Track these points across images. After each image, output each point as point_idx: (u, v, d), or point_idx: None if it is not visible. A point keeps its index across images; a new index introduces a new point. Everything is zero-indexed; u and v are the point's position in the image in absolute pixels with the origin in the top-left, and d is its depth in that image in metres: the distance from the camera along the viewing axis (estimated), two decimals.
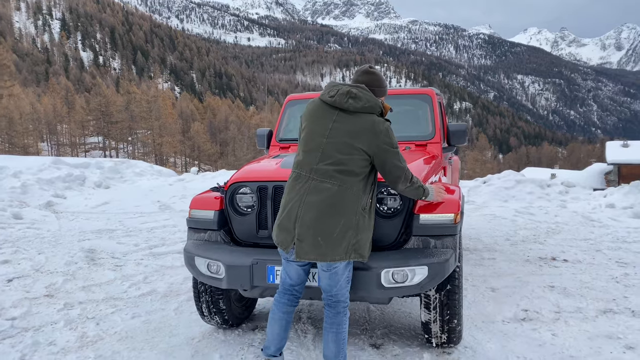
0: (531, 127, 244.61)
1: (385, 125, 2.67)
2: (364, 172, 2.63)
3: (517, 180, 10.16)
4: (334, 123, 2.66)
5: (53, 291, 4.49)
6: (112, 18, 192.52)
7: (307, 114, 2.78)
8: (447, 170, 4.82)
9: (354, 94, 2.66)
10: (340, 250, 2.56)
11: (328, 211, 2.55)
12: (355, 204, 2.59)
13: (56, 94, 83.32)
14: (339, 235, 2.55)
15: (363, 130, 2.61)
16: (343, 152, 2.60)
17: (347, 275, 2.70)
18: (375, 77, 2.87)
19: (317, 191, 2.58)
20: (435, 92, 4.76)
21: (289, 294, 2.83)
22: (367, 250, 2.69)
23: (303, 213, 2.58)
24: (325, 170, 2.60)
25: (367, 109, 2.66)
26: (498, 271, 5.15)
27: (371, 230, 2.72)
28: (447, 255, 2.89)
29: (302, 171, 2.66)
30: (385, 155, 2.64)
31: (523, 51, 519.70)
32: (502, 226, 7.50)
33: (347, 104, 2.64)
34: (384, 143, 2.63)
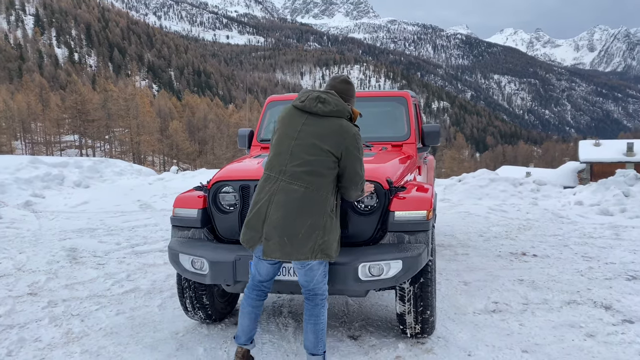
0: (507, 126, 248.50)
1: (354, 129, 2.81)
2: (331, 174, 2.74)
3: (491, 178, 10.46)
4: (302, 126, 2.79)
5: (36, 289, 4.54)
6: (88, 14, 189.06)
7: (279, 118, 2.92)
8: (422, 169, 5.02)
9: (323, 98, 2.81)
10: (305, 250, 2.67)
11: (295, 212, 2.66)
12: (323, 206, 2.71)
13: (30, 91, 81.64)
14: (304, 235, 2.66)
15: (331, 132, 2.74)
16: (310, 153, 2.72)
17: (323, 270, 2.83)
18: (351, 87, 3.04)
19: (285, 192, 2.70)
20: (410, 94, 4.95)
21: (258, 290, 2.96)
22: (335, 250, 2.79)
23: (271, 213, 2.69)
24: (293, 171, 2.71)
25: (336, 112, 2.80)
26: (471, 266, 5.37)
27: (338, 230, 2.83)
28: (420, 250, 3.07)
29: (272, 172, 2.78)
30: (349, 159, 2.76)
31: (499, 51, 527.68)
32: (475, 223, 7.75)
33: (316, 108, 2.78)
34: (351, 146, 2.75)
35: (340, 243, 2.92)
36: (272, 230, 2.68)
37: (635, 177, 9.19)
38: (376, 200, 3.19)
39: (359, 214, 3.17)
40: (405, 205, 3.19)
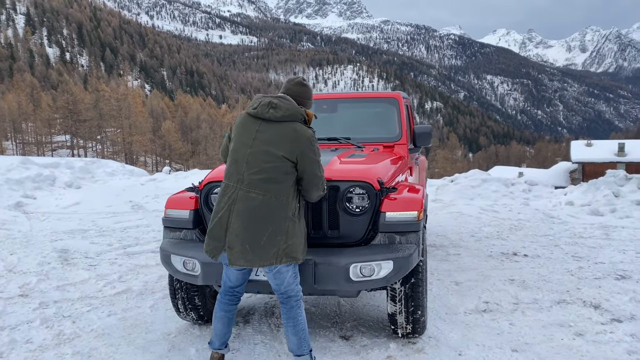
0: (500, 126, 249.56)
1: (309, 132, 2.81)
2: (289, 179, 2.76)
3: (483, 179, 10.52)
4: (257, 133, 2.80)
5: (27, 291, 4.52)
6: (80, 14, 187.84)
7: (235, 126, 2.93)
8: (414, 170, 5.05)
9: (274, 104, 2.82)
10: (268, 256, 2.69)
11: (255, 220, 2.69)
12: (283, 211, 2.72)
13: (21, 91, 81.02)
14: (267, 242, 2.69)
15: (284, 137, 2.75)
16: (266, 160, 2.73)
17: (293, 272, 2.85)
18: (306, 89, 3.04)
19: (244, 201, 2.72)
20: (402, 95, 4.98)
21: (230, 295, 2.99)
22: (301, 251, 2.81)
23: (232, 222, 2.72)
24: (250, 180, 2.73)
25: (288, 117, 2.81)
26: (462, 266, 5.40)
27: (303, 232, 2.85)
28: (411, 250, 3.09)
29: (230, 181, 2.80)
30: (306, 162, 2.77)
31: (492, 52, 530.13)
32: (467, 223, 7.80)
33: (268, 114, 2.80)
34: (306, 149, 2.77)
35: (307, 243, 2.95)
36: (234, 239, 2.71)
37: (625, 178, 9.28)
38: (367, 202, 3.21)
39: (350, 215, 3.19)
40: (396, 206, 3.21)
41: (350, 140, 4.44)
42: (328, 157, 3.66)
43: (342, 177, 3.24)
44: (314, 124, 4.15)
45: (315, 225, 3.22)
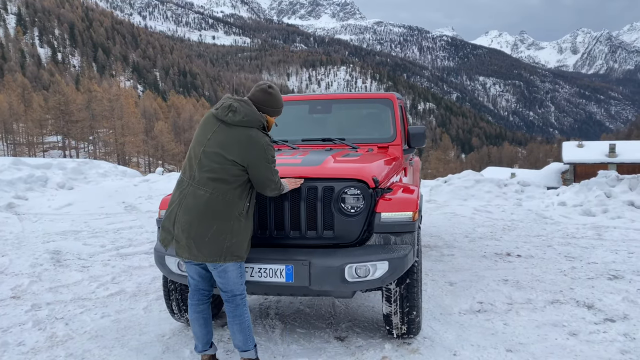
0: (492, 127, 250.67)
1: (264, 140, 2.83)
2: (238, 180, 2.80)
3: (476, 179, 10.57)
4: (213, 134, 2.84)
5: (19, 293, 4.48)
6: (72, 14, 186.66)
7: (199, 124, 2.97)
8: (408, 170, 5.06)
9: (234, 107, 2.84)
10: (212, 253, 2.76)
11: (201, 216, 2.75)
12: (229, 210, 2.78)
13: (12, 92, 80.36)
14: (211, 239, 2.75)
15: (236, 142, 2.78)
16: (215, 161, 2.78)
17: (238, 271, 2.89)
18: (271, 98, 3.01)
19: (193, 197, 2.78)
20: (396, 96, 4.99)
21: (198, 294, 3.03)
22: (245, 250, 2.87)
23: (180, 216, 2.80)
24: (201, 177, 2.79)
25: (245, 122, 2.83)
26: (456, 266, 5.42)
27: (249, 231, 2.90)
28: (406, 251, 3.10)
29: (185, 176, 2.88)
30: (258, 169, 2.81)
31: (485, 53, 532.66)
32: (461, 224, 7.82)
33: (226, 117, 2.83)
34: (258, 157, 2.80)
35: (251, 242, 3.00)
36: (180, 233, 2.79)
37: (616, 178, 9.35)
38: (363, 202, 3.21)
39: (345, 216, 3.19)
40: (391, 206, 3.22)
41: (345, 140, 4.44)
42: (322, 156, 3.67)
43: (336, 175, 3.24)
44: (309, 124, 4.15)
45: (310, 225, 3.22)
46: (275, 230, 3.27)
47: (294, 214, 3.23)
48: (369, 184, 3.21)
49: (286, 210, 3.23)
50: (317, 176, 3.22)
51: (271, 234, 3.27)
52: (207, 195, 2.75)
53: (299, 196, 3.22)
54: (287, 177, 3.14)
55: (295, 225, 3.24)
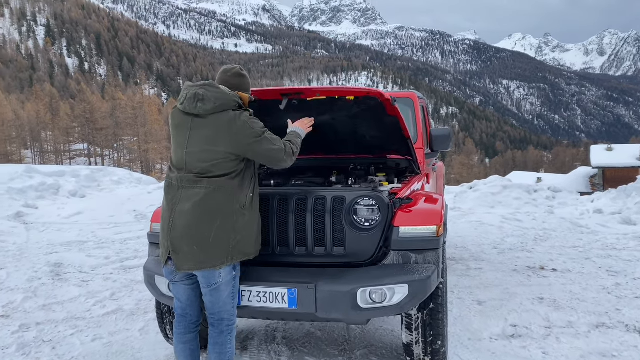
0: (517, 131, 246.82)
1: (242, 118, 2.48)
2: (236, 170, 2.47)
3: (503, 185, 10.01)
4: (190, 131, 2.48)
5: (10, 311, 4.17)
6: (98, 24, 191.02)
7: (170, 123, 2.61)
8: (431, 177, 4.61)
9: (200, 95, 2.47)
10: (220, 254, 2.41)
11: (200, 216, 2.40)
12: (230, 204, 2.44)
13: (40, 101, 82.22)
14: (215, 239, 2.40)
15: (220, 132, 2.44)
16: (205, 160, 2.44)
17: (232, 291, 2.52)
18: (245, 80, 2.73)
19: (187, 198, 2.43)
20: (417, 95, 4.55)
21: (185, 321, 2.64)
22: (254, 246, 2.56)
23: (176, 222, 2.43)
24: (190, 177, 2.45)
25: (219, 108, 2.46)
26: (485, 282, 4.93)
27: (255, 225, 2.57)
28: (429, 272, 2.66)
29: (172, 180, 2.52)
30: (253, 149, 2.47)
31: (508, 56, 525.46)
32: (489, 233, 7.30)
33: (197, 109, 2.45)
34: (246, 137, 2.45)
35: (262, 238, 2.66)
36: (179, 241, 2.41)
37: None
38: (378, 214, 2.78)
39: (357, 230, 2.77)
40: (412, 219, 2.79)
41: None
42: None
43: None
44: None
45: (317, 241, 2.81)
46: (278, 246, 2.87)
47: (299, 227, 2.83)
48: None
49: (290, 224, 2.83)
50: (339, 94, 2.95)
51: (273, 251, 2.87)
52: (202, 191, 2.41)
53: (305, 207, 2.82)
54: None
55: (300, 241, 2.84)
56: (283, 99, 3.06)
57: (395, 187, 3.23)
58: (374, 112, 3.17)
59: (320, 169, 3.79)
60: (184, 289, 2.59)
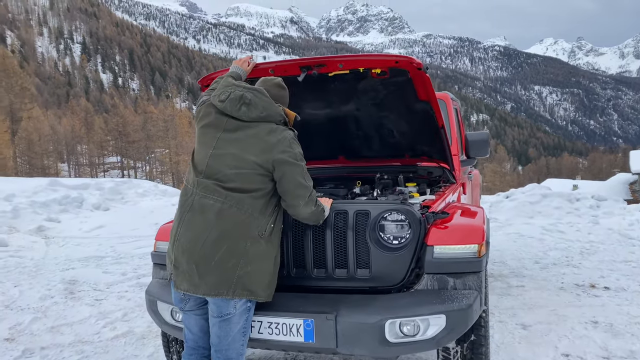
0: (550, 137, 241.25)
1: (287, 133, 2.19)
2: (261, 189, 2.14)
3: (542, 194, 9.41)
4: (222, 132, 2.18)
5: (16, 333, 3.93)
6: (131, 40, 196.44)
7: (198, 118, 2.30)
8: (467, 187, 4.18)
9: (247, 100, 2.16)
10: (219, 282, 2.06)
11: (208, 232, 2.06)
12: (246, 226, 2.09)
13: (75, 115, 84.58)
14: (219, 263, 2.05)
15: (257, 139, 2.13)
16: (231, 165, 2.13)
17: (243, 326, 2.16)
18: (286, 93, 2.47)
19: (200, 207, 2.11)
20: (450, 96, 4.15)
21: (197, 355, 2.29)
22: (264, 287, 2.16)
23: (181, 233, 2.12)
24: (208, 184, 2.12)
25: (264, 118, 2.18)
26: (529, 302, 4.45)
27: (271, 260, 2.19)
28: (470, 299, 2.26)
29: (189, 184, 2.21)
30: (284, 168, 2.13)
31: (539, 62, 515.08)
32: (529, 246, 6.77)
33: (239, 113, 2.15)
34: (282, 153, 2.12)
35: (275, 281, 2.25)
36: (180, 256, 2.10)
37: None
38: (409, 231, 2.40)
39: (384, 249, 2.39)
40: (448, 237, 2.39)
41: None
42: None
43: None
44: None
45: (338, 262, 2.45)
46: (294, 267, 2.52)
47: (318, 246, 2.48)
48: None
49: (307, 242, 2.48)
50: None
51: (289, 273, 2.52)
52: (217, 205, 2.09)
53: (324, 223, 2.46)
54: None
55: (319, 262, 2.48)
56: (302, 71, 2.72)
57: (428, 199, 2.84)
58: (403, 95, 2.80)
59: (343, 179, 3.43)
60: (196, 320, 2.26)
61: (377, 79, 2.73)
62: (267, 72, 2.81)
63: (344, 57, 2.65)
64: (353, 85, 2.84)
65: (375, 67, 2.64)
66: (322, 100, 3.02)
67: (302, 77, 2.72)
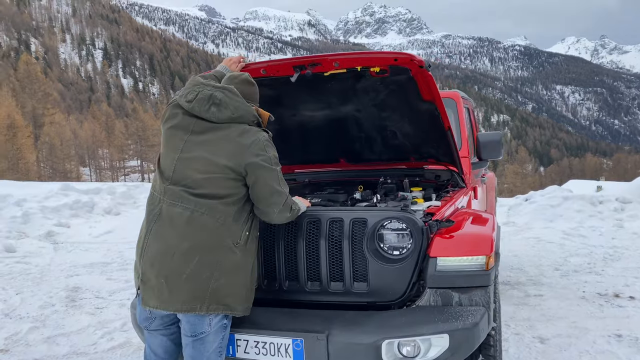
0: (573, 138, 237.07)
1: (260, 134, 2.02)
2: (232, 195, 1.97)
3: (564, 196, 9.05)
4: (190, 135, 2.01)
5: (11, 344, 3.83)
6: (151, 45, 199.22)
7: (164, 120, 2.13)
8: (479, 190, 3.94)
9: (217, 99, 1.99)
10: (190, 297, 1.88)
11: (178, 243, 1.89)
12: (219, 235, 1.92)
13: (96, 120, 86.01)
14: (190, 276, 1.88)
15: (227, 141, 1.96)
16: (200, 170, 1.96)
17: (219, 345, 1.99)
18: (255, 89, 2.27)
19: (168, 217, 1.93)
20: (460, 95, 3.93)
21: None
22: (241, 300, 1.99)
23: (149, 244, 1.95)
24: (175, 190, 1.94)
25: (236, 119, 2.00)
26: (547, 313, 4.19)
27: (247, 271, 2.02)
28: (476, 317, 2.05)
29: (155, 191, 2.03)
30: (257, 173, 1.96)
31: (561, 61, 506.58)
32: (548, 252, 6.47)
33: (208, 113, 1.98)
34: (256, 156, 1.95)
35: (252, 293, 2.09)
36: (149, 269, 1.93)
37: None
38: (410, 241, 2.20)
39: (383, 261, 2.20)
40: (453, 247, 2.19)
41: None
42: None
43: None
44: None
45: (333, 275, 2.26)
46: (286, 280, 2.34)
47: (311, 257, 2.30)
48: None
49: (300, 252, 2.29)
50: None
51: (281, 286, 2.34)
52: (186, 213, 1.92)
53: (318, 232, 2.28)
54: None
55: (313, 274, 2.30)
56: (295, 71, 2.54)
57: (432, 205, 2.63)
58: (405, 95, 2.60)
59: (344, 184, 3.23)
60: (161, 341, 2.11)
61: (376, 78, 2.54)
62: (259, 73, 2.65)
63: (340, 55, 2.46)
64: (352, 85, 2.65)
65: (373, 65, 2.45)
66: (320, 102, 2.83)
67: (295, 77, 2.53)
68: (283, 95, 2.82)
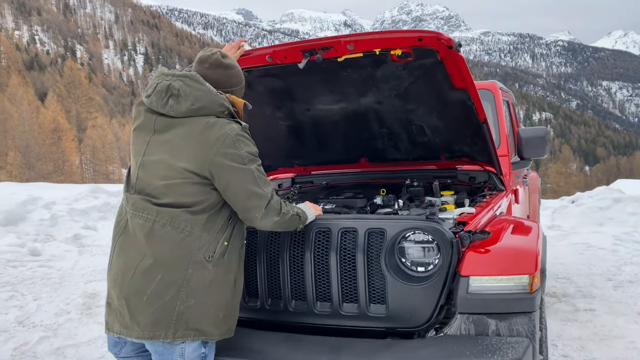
0: (621, 135, 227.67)
1: (229, 127, 1.66)
2: (202, 202, 1.62)
3: (614, 198, 8.37)
4: (153, 135, 1.72)
5: (18, 355, 3.67)
6: (190, 49, 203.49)
7: (133, 121, 1.85)
8: (520, 194, 3.51)
9: (175, 90, 1.67)
10: (154, 322, 1.59)
11: (139, 260, 1.62)
12: (185, 248, 1.64)
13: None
14: (152, 297, 1.59)
15: (188, 140, 1.64)
16: (161, 175, 1.66)
17: None
18: (230, 72, 1.88)
19: (131, 230, 1.71)
20: (498, 86, 3.50)
21: None
22: (217, 323, 1.68)
23: (113, 262, 1.71)
24: (137, 200, 1.71)
25: (197, 111, 1.66)
26: (600, 331, 3.71)
27: (226, 288, 1.71)
28: (518, 351, 1.67)
29: (123, 200, 1.79)
30: (226, 176, 1.62)
31: (607, 56, 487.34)
32: (599, 260, 5.90)
33: (166, 108, 1.67)
34: (222, 155, 1.60)
35: (234, 313, 1.78)
36: (112, 289, 1.69)
37: None
38: (437, 256, 1.84)
39: (404, 279, 1.84)
40: (490, 264, 1.82)
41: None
42: None
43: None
44: None
45: (346, 295, 1.92)
46: (292, 299, 2.02)
47: (320, 273, 1.96)
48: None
49: (307, 268, 1.97)
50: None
51: (286, 306, 2.02)
52: (147, 224, 1.66)
53: (328, 244, 1.94)
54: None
55: (322, 294, 1.96)
56: (304, 57, 2.20)
57: (465, 212, 2.25)
58: (433, 82, 2.23)
59: (366, 186, 2.89)
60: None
61: (398, 63, 2.19)
62: (265, 60, 2.34)
63: (355, 36, 2.12)
64: (370, 72, 2.31)
65: (394, 47, 2.09)
66: (335, 93, 2.50)
67: (304, 63, 2.20)
68: (294, 87, 2.51)
